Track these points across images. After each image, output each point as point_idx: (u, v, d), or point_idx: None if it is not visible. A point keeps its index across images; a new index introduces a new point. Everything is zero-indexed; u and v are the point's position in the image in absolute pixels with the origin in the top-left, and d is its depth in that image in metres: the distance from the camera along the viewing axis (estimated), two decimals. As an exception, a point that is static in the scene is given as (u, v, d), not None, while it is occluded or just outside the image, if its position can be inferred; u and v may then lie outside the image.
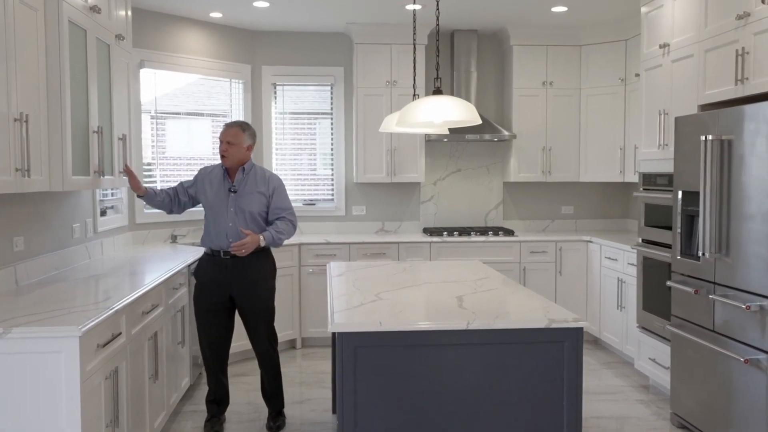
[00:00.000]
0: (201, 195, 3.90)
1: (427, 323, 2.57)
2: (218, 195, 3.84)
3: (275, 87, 6.27)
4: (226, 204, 3.83)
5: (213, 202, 3.83)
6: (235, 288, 3.84)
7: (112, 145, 3.81)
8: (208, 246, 3.86)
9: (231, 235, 3.80)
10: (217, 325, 3.88)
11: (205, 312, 3.86)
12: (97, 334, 2.66)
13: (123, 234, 5.11)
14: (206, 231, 3.87)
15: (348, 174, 6.34)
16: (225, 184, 3.86)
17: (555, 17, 5.65)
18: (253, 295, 3.87)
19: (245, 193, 3.85)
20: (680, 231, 3.91)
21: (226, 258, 3.80)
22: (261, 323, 3.91)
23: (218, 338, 3.91)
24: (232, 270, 3.81)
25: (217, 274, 3.82)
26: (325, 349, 5.73)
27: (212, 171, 3.93)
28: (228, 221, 3.81)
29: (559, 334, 2.60)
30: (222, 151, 3.81)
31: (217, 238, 3.81)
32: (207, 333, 3.89)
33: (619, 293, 5.21)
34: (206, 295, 3.85)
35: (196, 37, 5.72)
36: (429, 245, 5.78)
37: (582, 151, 6.11)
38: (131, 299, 3.06)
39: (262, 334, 3.92)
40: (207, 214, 3.87)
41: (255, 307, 3.89)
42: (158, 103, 5.53)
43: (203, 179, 3.91)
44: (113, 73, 3.84)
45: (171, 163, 5.70)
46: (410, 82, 5.99)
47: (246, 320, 3.91)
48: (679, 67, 4.20)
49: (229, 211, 3.82)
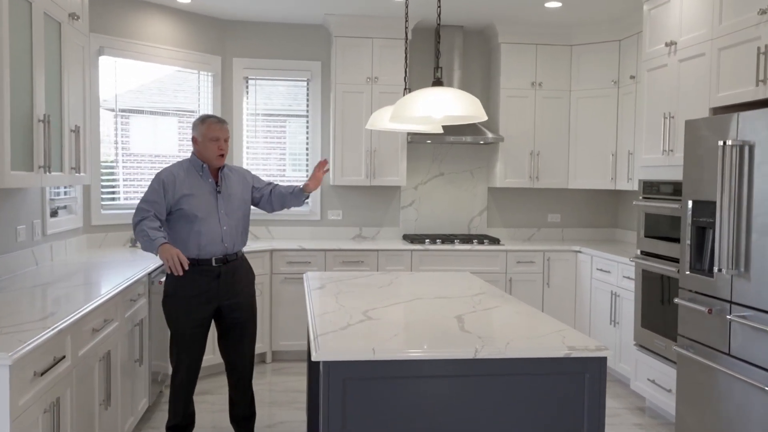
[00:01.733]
0: (183, 201, 3.38)
1: (429, 351, 2.19)
2: (206, 198, 3.43)
3: (247, 81, 5.84)
4: (215, 207, 3.43)
5: (203, 207, 3.40)
6: (224, 299, 3.45)
7: (62, 138, 3.36)
8: (190, 255, 3.39)
9: (227, 240, 3.42)
10: (199, 342, 3.47)
11: (192, 330, 3.43)
12: (33, 360, 2.23)
13: (77, 237, 4.64)
14: (186, 239, 3.40)
15: (324, 176, 5.92)
16: (207, 185, 3.45)
17: (548, 14, 5.33)
18: (243, 305, 3.51)
19: (230, 193, 3.50)
20: (689, 244, 3.60)
21: (217, 266, 3.41)
22: (247, 336, 3.55)
23: (198, 358, 3.49)
24: (224, 278, 3.43)
25: (206, 285, 3.41)
26: (297, 363, 5.32)
27: (178, 173, 3.44)
28: (222, 225, 3.42)
29: (580, 364, 2.25)
30: (222, 150, 3.43)
31: (210, 245, 3.40)
32: (190, 353, 3.45)
33: (612, 308, 4.90)
34: (193, 310, 3.41)
35: (162, 25, 5.28)
36: (410, 253, 5.41)
37: (571, 156, 5.81)
38: (78, 316, 2.63)
39: (247, 350, 3.55)
40: (189, 221, 3.38)
41: (243, 319, 3.51)
42: (121, 96, 5.06)
43: (177, 184, 3.39)
44: (65, 56, 3.39)
45: (135, 162, 5.24)
46: (393, 78, 5.62)
47: (231, 334, 3.52)
48: (687, 66, 3.91)
49: (221, 214, 3.43)
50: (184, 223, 3.41)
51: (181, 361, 3.47)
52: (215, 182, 3.47)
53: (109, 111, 4.98)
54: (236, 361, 3.55)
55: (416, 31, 5.77)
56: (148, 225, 3.30)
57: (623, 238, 6.06)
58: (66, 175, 3.42)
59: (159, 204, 3.38)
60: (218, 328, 3.56)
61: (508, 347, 2.22)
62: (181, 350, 3.46)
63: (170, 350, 3.50)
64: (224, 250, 3.43)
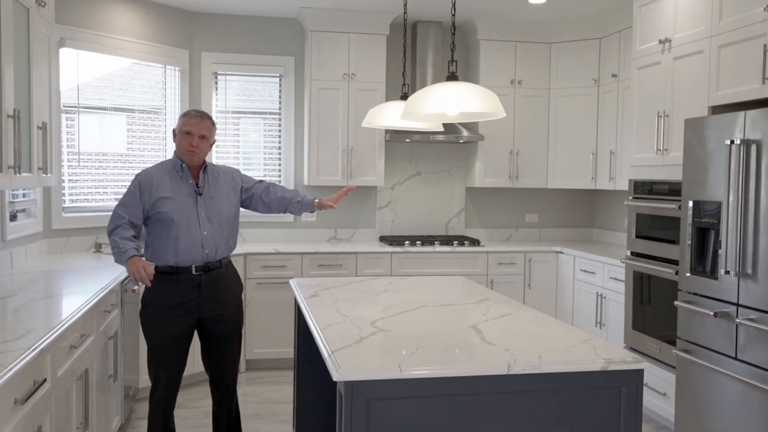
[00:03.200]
0: (160, 204, 3.12)
1: (460, 367, 2.01)
2: (184, 200, 3.16)
3: (216, 76, 5.56)
4: (195, 210, 3.16)
5: (180, 210, 3.13)
6: (206, 311, 3.19)
7: (30, 136, 3.06)
8: (168, 263, 3.13)
9: (208, 245, 3.16)
10: (179, 357, 3.20)
11: (170, 343, 3.15)
12: (14, 385, 1.97)
13: (37, 242, 4.31)
14: (164, 245, 3.13)
15: (298, 175, 5.70)
16: (186, 186, 3.18)
17: (531, 10, 5.23)
18: (228, 316, 3.26)
19: (213, 195, 3.22)
20: (690, 245, 3.52)
21: (197, 275, 3.15)
22: (232, 348, 3.30)
23: (178, 374, 3.23)
24: (205, 288, 3.17)
25: (186, 295, 3.14)
26: (273, 372, 5.08)
27: (157, 174, 3.17)
28: (202, 229, 3.15)
29: (616, 377, 2.11)
30: (193, 147, 3.14)
31: (188, 251, 3.13)
32: (168, 368, 3.18)
33: (598, 309, 4.83)
34: (171, 322, 3.14)
35: (126, 15, 4.96)
36: (390, 256, 5.23)
37: (551, 155, 5.72)
38: (59, 332, 2.36)
39: (231, 365, 3.31)
40: (166, 225, 3.12)
41: (227, 332, 3.26)
42: (81, 90, 4.73)
43: (154, 186, 3.14)
44: (33, 46, 3.10)
45: (84, 161, 4.91)
46: (371, 75, 5.43)
47: (214, 347, 3.27)
48: (683, 64, 3.83)
49: (201, 217, 3.16)
50: (161, 228, 3.15)
51: (159, 376, 3.21)
52: (196, 183, 3.21)
53: (71, 107, 4.65)
54: (220, 377, 3.31)
55: (393, 26, 5.60)
56: (120, 234, 3.05)
57: (601, 238, 6.01)
58: (35, 176, 3.12)
59: (135, 207, 3.12)
60: (201, 341, 3.31)
61: (542, 361, 2.07)
62: (159, 365, 3.19)
63: (148, 365, 3.24)
64: (205, 257, 3.17)
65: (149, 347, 3.22)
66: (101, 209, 4.88)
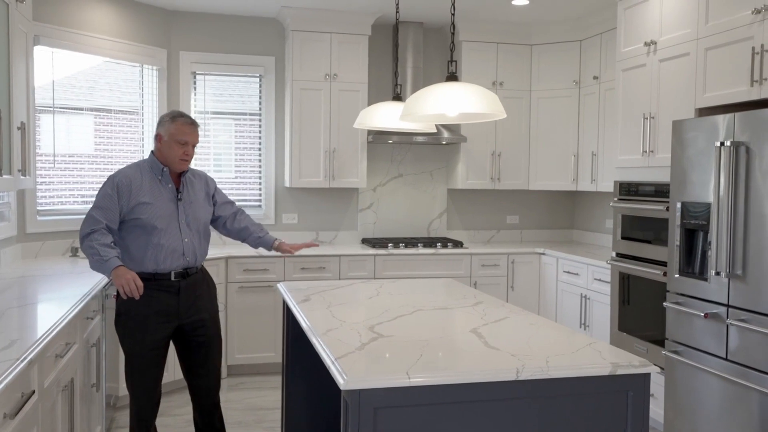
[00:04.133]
0: (140, 210, 2.99)
1: (469, 374, 1.97)
2: (165, 206, 3.04)
3: (195, 76, 5.46)
4: (176, 216, 3.06)
5: (162, 216, 3.02)
6: (185, 317, 3.09)
7: (10, 136, 2.94)
8: (147, 270, 3.01)
9: (189, 253, 3.07)
10: (157, 366, 3.10)
11: (148, 352, 3.04)
12: (4, 399, 1.87)
13: (11, 246, 4.16)
14: (142, 252, 3.01)
15: (278, 177, 5.62)
16: (167, 191, 3.07)
17: (513, 12, 5.22)
18: (208, 322, 3.17)
19: (192, 200, 3.13)
20: (679, 246, 3.54)
21: (177, 281, 3.05)
22: (213, 355, 3.21)
23: (158, 382, 3.13)
24: (184, 293, 3.07)
25: (165, 302, 3.04)
26: (256, 378, 4.99)
27: (135, 176, 3.02)
28: (183, 236, 3.05)
29: (624, 381, 2.08)
30: (187, 156, 3.05)
31: (168, 259, 3.03)
32: (147, 377, 3.07)
33: (582, 311, 4.84)
34: (150, 330, 3.03)
35: (103, 13, 4.83)
36: (373, 258, 5.18)
37: (532, 157, 5.73)
38: (46, 341, 2.27)
39: (213, 370, 3.22)
40: (146, 232, 3.00)
41: (207, 337, 3.17)
42: (56, 89, 4.59)
43: (134, 190, 3.00)
44: (12, 44, 2.98)
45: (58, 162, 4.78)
46: (353, 76, 5.38)
47: (194, 355, 3.17)
48: (669, 66, 3.86)
49: (182, 224, 3.07)
50: (140, 233, 3.01)
51: (137, 386, 3.09)
52: (176, 188, 3.12)
53: (46, 107, 4.51)
54: (202, 384, 3.20)
55: (375, 27, 5.55)
56: (99, 241, 2.89)
57: (582, 239, 6.03)
58: (14, 178, 3.00)
59: (112, 212, 2.97)
60: (179, 349, 3.20)
61: (550, 365, 2.04)
62: (138, 375, 3.08)
63: (126, 376, 3.12)
64: (185, 263, 3.09)
65: (127, 357, 3.09)
66: (77, 212, 4.74)
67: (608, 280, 4.47)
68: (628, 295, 4.20)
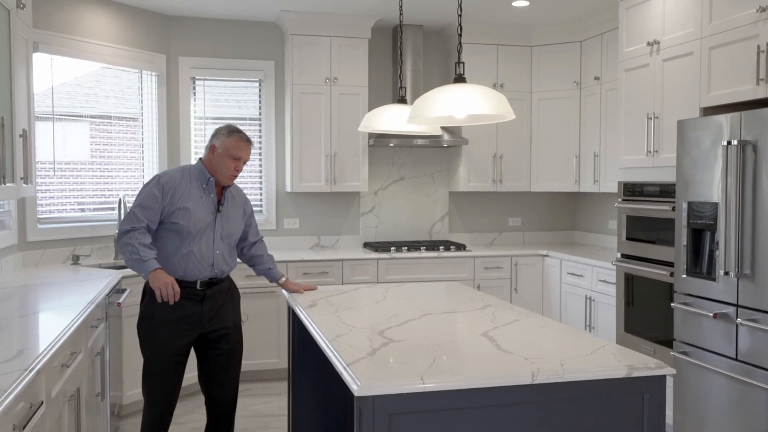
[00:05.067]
0: (180, 215, 2.98)
1: (484, 377, 1.95)
2: (204, 215, 3.04)
3: (194, 81, 5.43)
4: (213, 227, 3.06)
5: (200, 224, 3.01)
6: (208, 326, 3.08)
7: (12, 144, 2.92)
8: (174, 276, 2.98)
9: (218, 265, 3.06)
10: (176, 374, 3.08)
11: (167, 358, 3.03)
12: (13, 410, 1.84)
13: (12, 255, 4.13)
14: (172, 258, 3.00)
15: (279, 182, 5.60)
16: (209, 201, 3.06)
17: (514, 14, 5.21)
18: (230, 330, 3.15)
19: (229, 215, 3.13)
20: (686, 246, 3.52)
21: (202, 290, 3.04)
22: (233, 364, 3.19)
23: (175, 390, 3.10)
24: (208, 302, 3.06)
25: (189, 309, 3.02)
26: (260, 384, 4.95)
27: (182, 180, 3.03)
28: (215, 248, 3.04)
29: (640, 384, 2.06)
30: (237, 172, 3.06)
31: (196, 267, 3.02)
32: (164, 384, 3.05)
33: (587, 313, 4.82)
34: (171, 336, 3.01)
35: (101, 19, 4.81)
36: (376, 262, 5.16)
37: (534, 158, 5.71)
38: (54, 350, 2.24)
39: (232, 382, 3.19)
40: (180, 237, 2.99)
41: (229, 347, 3.15)
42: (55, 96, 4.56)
43: (177, 193, 2.98)
44: (14, 50, 2.95)
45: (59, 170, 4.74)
46: (353, 79, 5.36)
47: (214, 364, 3.15)
48: (672, 66, 3.84)
49: (216, 236, 3.05)
50: (173, 238, 3.01)
51: (153, 393, 3.08)
52: (218, 200, 3.10)
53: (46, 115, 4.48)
54: (220, 395, 3.18)
55: (375, 30, 5.53)
56: (139, 240, 2.90)
57: (584, 240, 6.02)
58: (16, 186, 2.97)
59: (154, 212, 2.97)
60: (199, 357, 3.19)
61: (565, 369, 2.01)
62: (155, 381, 3.07)
63: (143, 380, 3.11)
64: (212, 274, 3.08)
65: (146, 362, 3.09)
66: (78, 219, 4.72)
67: (613, 282, 4.45)
68: (634, 296, 4.18)
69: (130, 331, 4.20)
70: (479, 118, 2.52)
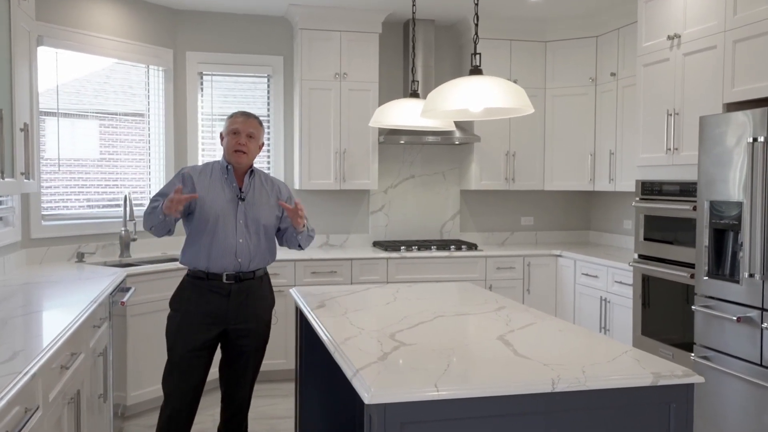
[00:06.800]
0: (198, 203, 2.97)
1: (502, 385, 1.84)
2: (224, 204, 2.99)
3: (202, 77, 5.34)
4: (234, 214, 2.99)
5: (218, 212, 2.96)
6: (232, 322, 3.00)
7: (13, 137, 2.83)
8: (200, 267, 2.98)
9: (242, 254, 2.98)
10: (198, 369, 3.01)
11: (188, 352, 2.97)
12: (6, 415, 1.75)
13: (15, 252, 4.05)
14: (197, 248, 2.98)
15: (288, 180, 5.50)
16: (230, 189, 3.02)
17: (528, 8, 5.09)
18: (254, 333, 3.07)
19: (255, 203, 3.04)
20: (707, 247, 3.40)
21: (228, 283, 2.97)
22: (253, 366, 3.13)
23: (196, 386, 3.03)
24: (234, 298, 2.99)
25: (215, 303, 2.97)
26: (267, 385, 4.85)
27: (203, 171, 3.04)
28: (237, 236, 2.97)
29: (666, 393, 1.95)
30: (241, 146, 2.99)
31: (220, 257, 2.96)
32: (186, 381, 2.99)
33: (602, 314, 4.69)
34: (194, 330, 2.97)
35: (107, 13, 4.72)
36: (386, 262, 5.05)
37: (547, 156, 5.59)
38: (51, 352, 2.15)
39: (249, 381, 3.14)
40: (201, 227, 2.97)
41: (250, 348, 3.09)
42: (60, 92, 4.48)
43: (196, 182, 2.99)
44: (14, 42, 2.87)
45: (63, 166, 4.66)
46: (363, 75, 5.25)
47: (235, 362, 3.09)
48: (694, 60, 3.72)
49: (239, 224, 2.97)
50: (196, 227, 3.00)
51: (171, 388, 3.02)
52: (239, 188, 3.03)
53: (50, 111, 4.40)
54: (235, 394, 3.12)
55: (386, 25, 5.43)
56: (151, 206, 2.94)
57: (599, 240, 5.89)
58: (17, 181, 2.89)
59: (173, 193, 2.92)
60: (222, 354, 3.13)
61: (587, 377, 1.90)
62: (176, 375, 3.01)
63: (164, 374, 3.06)
64: (237, 266, 2.99)
65: (168, 354, 3.05)
66: (83, 216, 4.64)
67: (629, 283, 4.32)
68: (652, 298, 4.06)
69: (135, 330, 4.13)
70: (496, 112, 2.41)
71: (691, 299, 3.56)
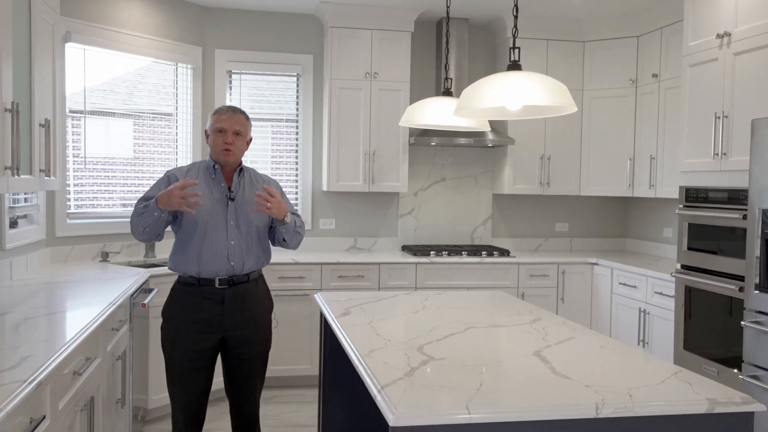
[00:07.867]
0: None
1: (541, 409, 1.68)
2: (213, 205, 2.85)
3: (231, 75, 5.25)
4: (224, 215, 2.85)
5: (206, 214, 2.82)
6: (230, 330, 2.87)
7: (31, 133, 2.74)
8: (191, 273, 2.84)
9: (234, 256, 2.85)
10: (198, 379, 2.88)
11: (187, 362, 2.85)
12: (8, 427, 1.64)
13: (40, 251, 3.99)
14: (186, 252, 2.84)
15: (315, 181, 5.38)
16: (218, 189, 2.88)
17: (566, 7, 4.90)
18: (255, 337, 2.93)
19: (246, 202, 2.89)
20: (758, 258, 3.18)
21: (221, 288, 2.83)
22: (258, 374, 2.99)
23: (199, 396, 2.91)
24: (229, 304, 2.85)
25: (209, 310, 2.83)
26: (290, 391, 4.74)
27: (189, 172, 2.90)
28: (229, 238, 2.84)
29: (723, 421, 1.77)
30: (228, 144, 2.84)
31: (211, 261, 2.82)
32: (185, 390, 2.87)
33: (640, 327, 4.48)
34: (190, 339, 2.84)
35: (135, 10, 4.65)
36: (415, 267, 4.90)
37: (584, 160, 5.38)
38: (61, 358, 2.04)
39: (256, 390, 2.99)
40: (190, 230, 2.83)
41: (252, 355, 2.94)
42: (88, 90, 4.42)
43: None
44: (35, 35, 2.78)
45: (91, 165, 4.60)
46: (394, 74, 5.11)
47: (237, 371, 2.95)
48: (745, 60, 3.50)
49: (230, 225, 2.84)
50: (185, 230, 2.86)
51: (176, 399, 2.91)
52: (228, 187, 2.90)
53: (78, 110, 4.34)
54: (242, 404, 2.98)
55: (418, 23, 5.28)
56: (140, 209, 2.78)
57: (637, 249, 5.66)
58: (36, 178, 2.80)
59: None
60: (223, 363, 2.99)
61: (634, 402, 1.73)
62: (177, 385, 2.90)
63: (167, 384, 2.95)
64: (230, 269, 2.86)
65: (166, 366, 2.93)
66: (108, 215, 4.57)
67: (671, 294, 4.11)
68: (694, 311, 3.85)
69: (157, 332, 4.03)
70: (536, 111, 2.25)
71: (738, 313, 3.34)
